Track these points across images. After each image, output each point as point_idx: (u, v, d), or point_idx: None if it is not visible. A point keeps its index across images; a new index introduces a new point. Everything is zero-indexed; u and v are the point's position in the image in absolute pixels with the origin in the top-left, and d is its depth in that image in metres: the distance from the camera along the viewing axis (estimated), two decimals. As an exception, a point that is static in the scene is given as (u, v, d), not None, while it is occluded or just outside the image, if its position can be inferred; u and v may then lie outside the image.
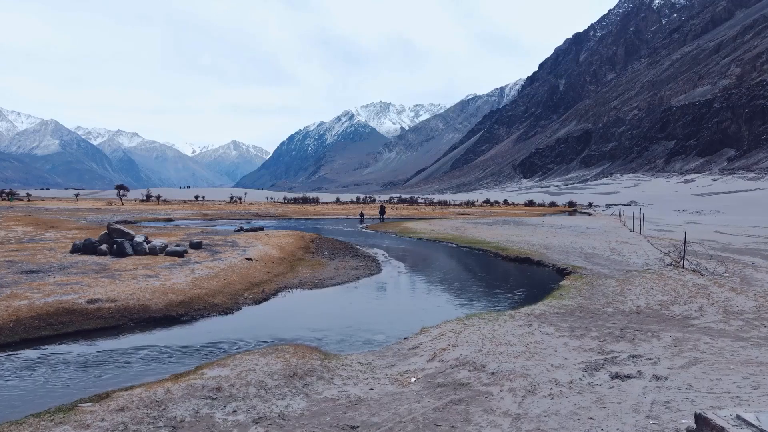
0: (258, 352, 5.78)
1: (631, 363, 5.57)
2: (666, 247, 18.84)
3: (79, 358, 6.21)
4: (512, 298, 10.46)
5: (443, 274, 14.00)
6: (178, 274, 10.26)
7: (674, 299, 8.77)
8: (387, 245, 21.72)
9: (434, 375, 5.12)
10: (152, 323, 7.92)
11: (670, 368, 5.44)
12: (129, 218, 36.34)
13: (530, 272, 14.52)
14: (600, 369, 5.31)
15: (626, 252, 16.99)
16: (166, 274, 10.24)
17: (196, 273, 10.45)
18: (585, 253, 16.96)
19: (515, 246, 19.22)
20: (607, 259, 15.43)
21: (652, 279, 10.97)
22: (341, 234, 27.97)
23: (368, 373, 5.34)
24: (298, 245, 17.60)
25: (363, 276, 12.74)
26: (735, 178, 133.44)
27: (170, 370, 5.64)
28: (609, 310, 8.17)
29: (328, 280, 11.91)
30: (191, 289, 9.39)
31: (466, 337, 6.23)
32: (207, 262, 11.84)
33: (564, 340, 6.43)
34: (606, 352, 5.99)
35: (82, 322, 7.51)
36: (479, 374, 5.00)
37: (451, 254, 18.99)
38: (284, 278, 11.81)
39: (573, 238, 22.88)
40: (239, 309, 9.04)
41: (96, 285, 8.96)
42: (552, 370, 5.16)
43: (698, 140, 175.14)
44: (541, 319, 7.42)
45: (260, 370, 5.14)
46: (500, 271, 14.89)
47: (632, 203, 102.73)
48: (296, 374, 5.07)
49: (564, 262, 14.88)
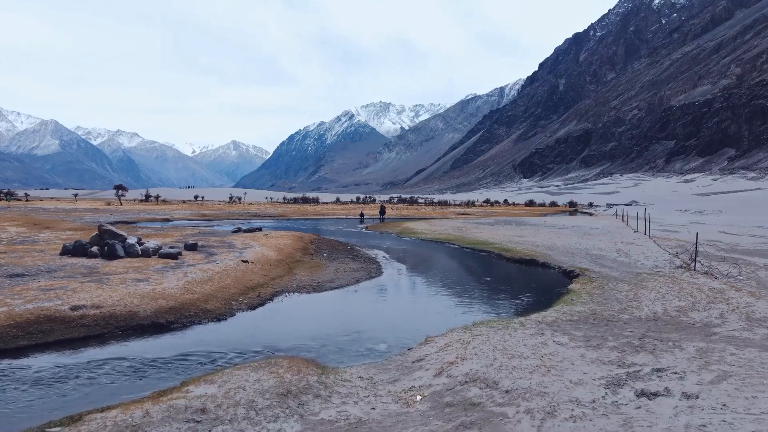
0: (249, 367, 5.31)
1: (656, 378, 5.11)
2: (673, 248, 18.39)
3: (56, 371, 5.74)
4: (520, 302, 10.00)
5: (446, 277, 13.53)
6: (170, 278, 9.79)
7: (692, 305, 8.30)
8: (387, 246, 21.25)
9: (442, 393, 4.65)
10: (139, 331, 7.45)
11: (699, 384, 4.98)
12: (126, 218, 35.88)
13: (536, 274, 14.05)
14: (623, 385, 4.84)
15: (633, 253, 16.53)
16: (158, 278, 9.77)
17: (189, 276, 9.98)
18: (591, 255, 16.51)
19: (519, 247, 18.76)
20: (614, 260, 14.97)
21: (665, 282, 10.50)
22: (341, 234, 27.51)
23: (369, 389, 4.88)
24: (297, 246, 17.14)
25: (363, 279, 12.27)
26: (735, 178, 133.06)
27: (153, 386, 5.18)
28: (624, 317, 7.70)
29: (327, 284, 11.44)
30: (183, 293, 8.92)
31: (475, 348, 5.76)
32: (201, 265, 11.37)
33: (580, 351, 5.97)
34: (627, 364, 5.53)
35: (63, 331, 7.05)
36: (492, 392, 4.54)
37: (454, 255, 18.52)
38: (281, 281, 11.34)
39: (577, 238, 22.43)
40: (233, 315, 8.57)
41: (81, 290, 8.49)
42: (571, 387, 4.69)
43: (698, 140, 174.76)
44: (553, 328, 6.95)
45: (251, 387, 4.67)
46: (505, 273, 14.42)
47: (633, 203, 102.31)
48: (290, 392, 4.60)
49: (570, 263, 14.43)
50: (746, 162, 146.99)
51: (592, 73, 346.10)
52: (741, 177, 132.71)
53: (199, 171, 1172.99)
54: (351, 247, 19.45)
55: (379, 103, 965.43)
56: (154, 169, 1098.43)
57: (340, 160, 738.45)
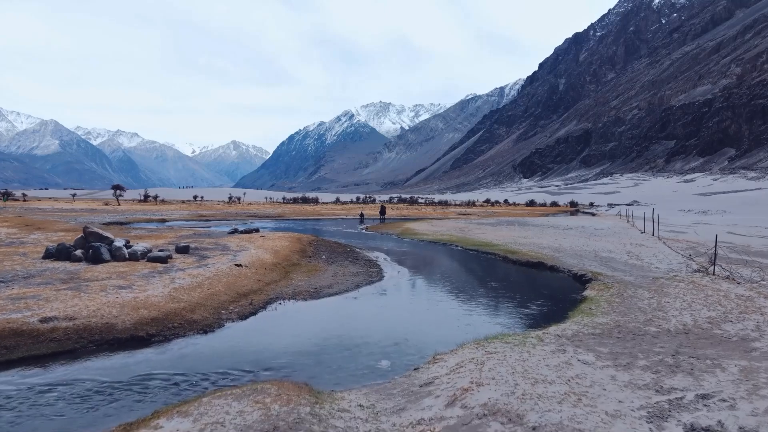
0: (231, 394, 4.59)
1: (703, 407, 4.40)
2: (684, 249, 17.70)
3: (12, 395, 5.02)
4: (532, 312, 9.28)
5: (451, 282, 12.81)
6: (155, 285, 9.08)
7: (723, 315, 7.60)
8: (388, 248, 20.55)
9: (456, 428, 3.95)
10: (116, 346, 6.74)
11: (755, 414, 4.28)
12: (122, 219, 35.14)
13: (545, 279, 13.35)
14: (668, 418, 4.14)
15: (644, 255, 15.82)
16: (142, 285, 9.05)
17: (176, 282, 9.26)
18: (600, 257, 15.81)
19: (524, 249, 18.06)
20: (625, 263, 14.26)
21: (687, 289, 9.80)
22: (340, 236, 26.79)
23: (372, 422, 4.18)
24: (294, 248, 16.44)
25: (363, 284, 11.56)
26: (736, 178, 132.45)
27: (120, 417, 4.47)
28: (652, 329, 7.00)
29: (325, 289, 10.73)
30: (168, 302, 8.20)
31: (492, 370, 5.05)
32: (191, 269, 10.66)
33: (609, 371, 5.26)
34: (665, 389, 4.82)
35: (30, 346, 6.33)
36: (516, 429, 3.83)
37: (458, 258, 17.81)
38: (276, 287, 10.63)
39: (583, 239, 21.73)
40: (222, 326, 7.85)
41: (56, 299, 7.77)
42: (609, 422, 3.99)
43: (698, 140, 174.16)
44: (575, 343, 6.24)
45: (231, 422, 3.96)
46: (512, 277, 13.70)
47: (635, 203, 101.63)
48: (277, 428, 3.90)
49: (580, 267, 13.73)
50: (747, 162, 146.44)
51: (592, 73, 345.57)
52: (741, 177, 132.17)
53: (199, 171, 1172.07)
54: (351, 249, 18.74)
55: (379, 103, 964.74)
56: (154, 169, 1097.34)
57: (340, 160, 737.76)
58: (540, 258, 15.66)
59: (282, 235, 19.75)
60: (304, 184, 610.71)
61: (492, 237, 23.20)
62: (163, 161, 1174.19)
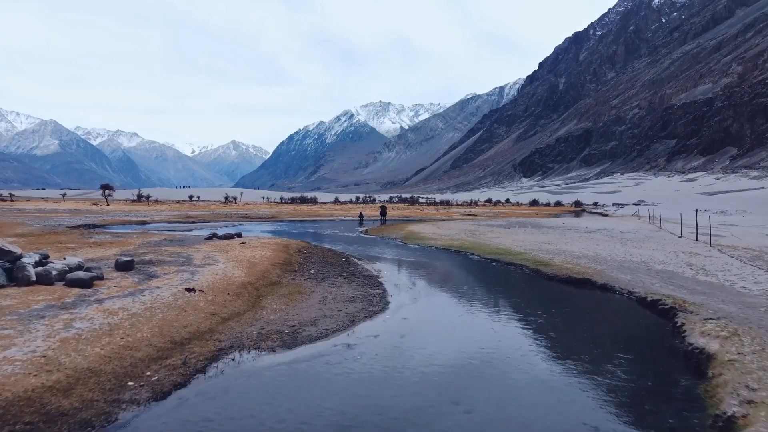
0: None
1: None
2: (751, 259, 14.58)
3: None
4: (634, 383, 6.05)
5: (480, 313, 9.56)
6: (33, 335, 5.61)
7: None
8: (392, 257, 17.41)
9: None
10: None
11: None
12: (98, 221, 31.83)
13: (604, 305, 10.21)
14: None
15: (712, 269, 12.69)
16: (9, 335, 5.73)
17: (74, 328, 6.06)
18: (655, 271, 12.71)
19: (556, 259, 14.93)
20: (695, 281, 11.14)
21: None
22: (337, 240, 23.65)
23: None
24: (277, 260, 13.30)
25: (361, 317, 8.41)
26: (738, 177, 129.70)
27: None
28: None
29: (306, 328, 7.58)
30: (30, 374, 4.75)
31: None
32: (117, 300, 7.51)
33: None
34: None
35: None
36: None
37: (478, 272, 14.65)
38: (237, 325, 7.49)
39: (619, 246, 18.63)
40: (112, 421, 4.49)
41: None
42: None
43: (700, 139, 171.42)
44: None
45: None
46: (562, 304, 10.49)
47: (641, 202, 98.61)
48: None
49: (642, 287, 10.61)
50: (749, 161, 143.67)
51: (593, 72, 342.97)
52: (744, 176, 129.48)
53: (199, 171, 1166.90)
54: (347, 258, 15.61)
55: (378, 103, 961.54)
56: (153, 169, 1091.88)
57: (340, 159, 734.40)
58: (583, 273, 12.55)
59: (266, 242, 16.61)
60: (303, 183, 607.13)
61: (510, 242, 20.09)
62: (163, 161, 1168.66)
